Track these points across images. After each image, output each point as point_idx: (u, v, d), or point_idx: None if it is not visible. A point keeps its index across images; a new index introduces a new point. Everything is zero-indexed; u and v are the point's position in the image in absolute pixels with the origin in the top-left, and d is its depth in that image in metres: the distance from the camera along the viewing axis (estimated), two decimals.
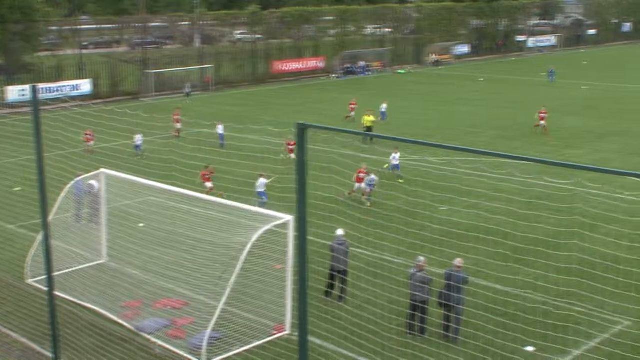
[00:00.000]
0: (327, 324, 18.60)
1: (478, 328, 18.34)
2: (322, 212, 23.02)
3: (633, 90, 66.18)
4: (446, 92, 66.41)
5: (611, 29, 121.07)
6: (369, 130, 41.37)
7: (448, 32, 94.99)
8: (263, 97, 65.54)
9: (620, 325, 19.48)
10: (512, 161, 35.65)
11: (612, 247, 23.32)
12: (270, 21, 79.83)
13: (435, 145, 9.87)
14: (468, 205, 29.37)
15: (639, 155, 39.66)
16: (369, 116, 42.78)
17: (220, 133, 41.27)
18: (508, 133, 46.38)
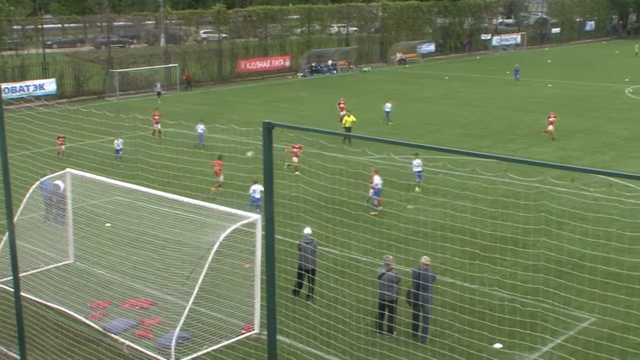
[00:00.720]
0: (296, 322, 18.59)
1: (446, 326, 18.44)
2: (289, 211, 23.01)
3: (597, 88, 66.91)
4: (412, 90, 66.68)
5: (575, 27, 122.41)
6: (348, 131, 41.39)
7: (413, 31, 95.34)
8: (229, 96, 65.35)
9: (586, 321, 19.69)
10: (477, 159, 35.89)
11: (578, 244, 23.57)
12: (236, 20, 79.60)
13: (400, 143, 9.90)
14: (435, 204, 29.51)
15: (604, 153, 40.13)
16: (350, 117, 42.79)
17: (200, 132, 41.15)
18: (473, 131, 46.68)
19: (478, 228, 24.42)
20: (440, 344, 17.97)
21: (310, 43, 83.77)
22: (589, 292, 19.48)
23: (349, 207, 27.41)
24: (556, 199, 28.94)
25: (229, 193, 27.97)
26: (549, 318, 19.36)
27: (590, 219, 26.64)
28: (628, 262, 22.18)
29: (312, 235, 21.51)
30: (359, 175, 30.31)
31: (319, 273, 21.15)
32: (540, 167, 32.87)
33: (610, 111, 54.15)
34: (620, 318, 19.04)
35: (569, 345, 18.34)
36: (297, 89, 68.53)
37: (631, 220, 26.69)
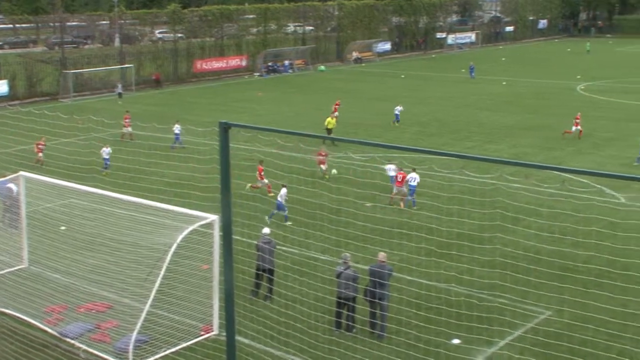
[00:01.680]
0: (255, 323, 18.54)
1: (404, 323, 18.53)
2: (247, 211, 22.95)
3: (550, 85, 67.73)
4: (369, 89, 66.88)
5: (528, 25, 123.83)
6: (329, 132, 41.22)
7: (369, 30, 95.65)
8: (185, 96, 64.98)
9: (542, 315, 19.93)
10: (434, 157, 36.11)
11: (534, 239, 23.83)
12: (192, 20, 79.14)
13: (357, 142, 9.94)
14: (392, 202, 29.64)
15: (557, 149, 40.62)
16: (332, 118, 42.65)
17: (177, 133, 40.85)
18: (430, 129, 46.97)
19: (435, 225, 24.56)
20: (398, 341, 18.04)
21: (266, 42, 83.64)
22: (545, 286, 19.71)
23: (307, 206, 27.41)
24: (511, 195, 29.22)
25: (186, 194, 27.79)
26: (506, 313, 19.55)
27: (545, 214, 26.95)
28: (582, 256, 22.50)
29: (270, 235, 21.48)
30: (317, 174, 30.30)
31: (277, 273, 21.12)
32: (496, 164, 33.23)
33: (562, 108, 54.81)
34: (576, 310, 19.30)
35: (527, 337, 18.54)
36: (254, 89, 68.38)
37: (585, 215, 27.03)
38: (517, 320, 19.49)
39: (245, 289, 20.78)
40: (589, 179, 32.43)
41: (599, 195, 30.74)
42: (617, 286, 20.09)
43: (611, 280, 20.29)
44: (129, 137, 43.06)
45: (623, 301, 19.62)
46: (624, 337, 17.89)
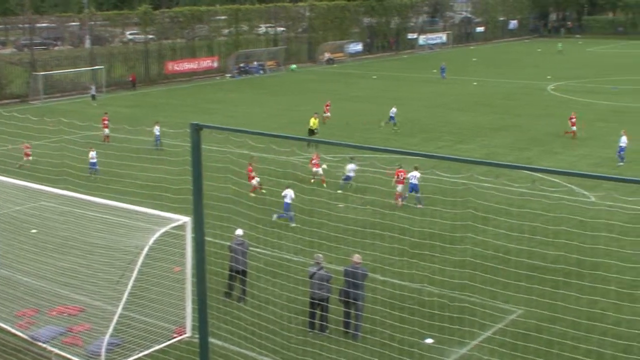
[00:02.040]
0: (228, 324, 18.55)
1: (378, 323, 18.62)
2: (219, 212, 22.92)
3: (521, 85, 68.22)
4: (340, 89, 66.99)
5: (498, 26, 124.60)
6: (312, 133, 41.29)
7: (341, 31, 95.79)
8: (157, 98, 64.73)
9: (513, 314, 20.12)
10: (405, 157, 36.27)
11: (504, 239, 24.01)
12: (163, 21, 78.83)
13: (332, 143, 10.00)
14: (365, 202, 29.75)
15: (528, 149, 40.94)
16: (315, 119, 42.60)
17: (157, 134, 40.68)
18: (402, 129, 47.12)
19: (407, 225, 24.70)
20: (372, 341, 18.13)
21: (238, 43, 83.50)
22: (515, 286, 19.88)
23: (280, 207, 27.46)
24: (482, 195, 29.43)
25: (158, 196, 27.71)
26: (477, 312, 19.70)
27: (516, 214, 27.18)
28: (552, 255, 22.73)
29: (243, 236, 21.48)
30: (289, 175, 30.32)
31: (250, 274, 21.13)
32: (467, 164, 33.44)
33: (533, 108, 55.27)
34: (545, 309, 19.52)
35: (498, 337, 18.70)
36: (225, 90, 68.25)
37: (555, 214, 27.31)
38: (488, 319, 19.65)
39: (218, 291, 20.77)
40: (559, 178, 32.75)
41: (569, 194, 31.04)
42: (586, 285, 20.31)
43: (580, 279, 20.53)
44: (105, 139, 42.79)
45: (591, 300, 19.85)
46: (592, 336, 18.09)
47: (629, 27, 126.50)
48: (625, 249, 22.82)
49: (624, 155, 37.07)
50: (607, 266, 21.59)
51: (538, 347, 17.44)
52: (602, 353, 17.40)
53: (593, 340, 17.89)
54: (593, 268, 21.37)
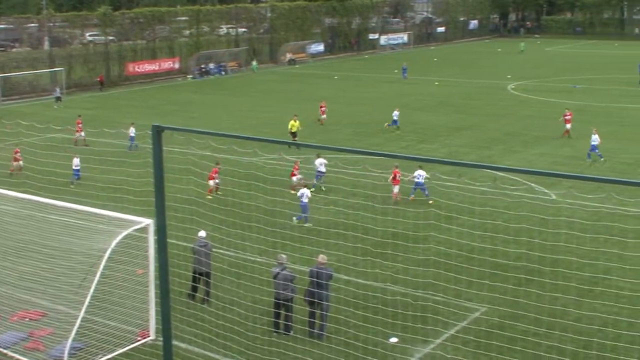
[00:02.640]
0: (192, 326, 18.48)
1: (342, 323, 18.66)
2: (182, 214, 22.81)
3: (481, 85, 68.76)
4: (303, 90, 67.03)
5: (459, 26, 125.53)
6: (294, 135, 41.18)
7: (302, 31, 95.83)
8: (118, 99, 64.25)
9: (476, 312, 20.27)
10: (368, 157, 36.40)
11: (467, 237, 24.19)
12: (123, 22, 78.21)
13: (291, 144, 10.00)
14: (328, 202, 29.79)
15: (489, 148, 41.27)
16: (296, 121, 42.41)
17: (132, 135, 40.31)
18: (365, 129, 47.27)
19: (371, 225, 24.77)
20: (337, 341, 18.17)
21: (199, 44, 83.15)
22: (478, 284, 20.05)
23: (242, 208, 27.37)
24: (445, 194, 29.61)
25: (119, 198, 27.50)
26: (441, 310, 19.82)
27: (478, 212, 27.38)
28: (514, 253, 22.94)
29: (207, 238, 21.41)
30: (251, 176, 30.25)
31: (214, 276, 21.06)
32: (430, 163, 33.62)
33: (494, 107, 55.74)
34: (508, 307, 19.70)
35: (461, 335, 18.84)
36: (187, 91, 67.93)
37: (516, 212, 27.58)
38: (452, 318, 19.79)
39: (182, 293, 20.67)
40: (520, 176, 33.05)
41: (530, 192, 31.35)
42: (547, 282, 20.55)
43: (541, 277, 20.77)
44: (82, 142, 42.10)
45: (553, 296, 20.09)
46: (554, 333, 18.30)
47: (586, 27, 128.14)
48: (585, 246, 23.12)
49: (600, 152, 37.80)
50: (568, 263, 21.88)
51: (501, 345, 17.61)
52: (563, 349, 17.60)
53: (554, 336, 18.11)
54: (554, 265, 21.64)
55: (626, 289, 20.97)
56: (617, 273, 21.78)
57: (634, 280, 21.52)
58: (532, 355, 17.28)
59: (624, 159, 38.03)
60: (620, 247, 23.10)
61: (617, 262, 22.51)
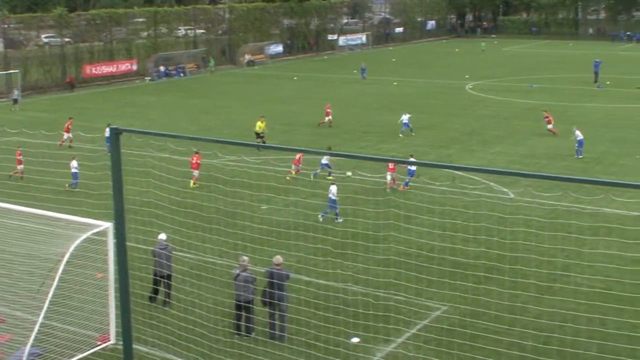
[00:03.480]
0: (153, 329, 18.36)
1: (304, 324, 18.67)
2: (141, 217, 22.66)
3: (440, 85, 69.21)
4: (262, 91, 66.93)
5: (417, 26, 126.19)
6: (258, 136, 40.77)
7: (261, 32, 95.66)
8: (75, 102, 63.58)
9: (437, 310, 20.40)
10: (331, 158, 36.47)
11: (426, 236, 24.34)
12: (79, 24, 77.44)
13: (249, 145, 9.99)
14: (287, 203, 29.79)
15: (447, 148, 41.54)
16: (262, 122, 42.13)
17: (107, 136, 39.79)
18: (323, 130, 47.31)
19: (331, 225, 24.83)
20: (298, 342, 18.17)
21: (157, 46, 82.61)
22: (438, 282, 20.20)
23: (202, 210, 27.26)
24: (404, 194, 29.77)
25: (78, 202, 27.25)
26: (402, 310, 19.92)
27: (437, 211, 27.57)
28: (473, 252, 23.14)
29: (167, 240, 21.29)
30: (211, 178, 30.14)
31: (175, 278, 20.96)
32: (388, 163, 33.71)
33: (452, 107, 56.14)
34: (469, 305, 19.86)
35: (423, 334, 18.95)
36: (145, 93, 67.47)
37: (475, 211, 27.82)
38: (413, 317, 19.90)
39: (143, 296, 20.54)
40: (479, 175, 33.34)
41: (489, 191, 31.63)
42: (507, 280, 20.77)
43: (501, 274, 20.98)
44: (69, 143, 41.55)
45: (512, 294, 20.29)
46: (514, 329, 18.49)
47: (542, 28, 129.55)
48: (543, 244, 23.43)
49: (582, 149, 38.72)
50: (527, 261, 22.12)
51: (462, 342, 17.75)
52: (524, 345, 17.79)
53: (515, 333, 18.29)
54: (513, 263, 21.86)
55: (584, 285, 21.27)
56: (575, 270, 22.07)
57: (592, 276, 21.85)
58: (493, 352, 17.44)
59: (580, 157, 38.52)
60: (578, 244, 23.40)
61: (575, 259, 22.83)
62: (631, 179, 33.79)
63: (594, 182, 9.93)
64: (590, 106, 55.40)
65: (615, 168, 36.40)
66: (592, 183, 11.37)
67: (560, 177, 9.88)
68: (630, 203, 28.27)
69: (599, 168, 36.41)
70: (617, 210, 28.34)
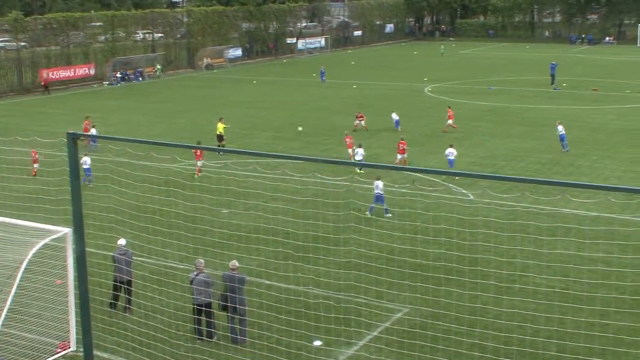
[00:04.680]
0: (114, 336, 18.22)
1: (265, 327, 18.64)
2: (101, 222, 22.49)
3: (399, 88, 69.53)
4: (220, 95, 66.75)
5: (375, 30, 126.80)
6: (220, 138, 40.81)
7: (220, 36, 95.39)
8: (31, 107, 62.85)
9: (399, 312, 20.49)
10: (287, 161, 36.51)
11: (387, 239, 24.46)
12: (35, 28, 76.60)
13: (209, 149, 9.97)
14: (248, 207, 29.77)
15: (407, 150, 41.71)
16: (222, 123, 41.87)
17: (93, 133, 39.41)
18: (283, 134, 47.33)
19: (291, 229, 24.84)
20: (260, 345, 18.17)
21: (115, 50, 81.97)
22: (399, 285, 20.30)
23: (162, 215, 27.12)
24: (364, 197, 29.87)
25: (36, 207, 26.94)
26: (363, 312, 20.00)
27: (397, 213, 27.70)
28: (433, 253, 23.29)
29: (127, 245, 21.14)
30: (170, 182, 30.00)
31: (135, 284, 20.81)
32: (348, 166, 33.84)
33: (411, 109, 56.44)
34: (430, 306, 19.98)
35: (385, 336, 19.03)
36: (103, 98, 66.92)
37: (434, 213, 27.99)
38: (375, 319, 19.97)
39: (103, 302, 20.36)
40: (438, 177, 33.57)
41: (448, 193, 31.87)
42: (467, 281, 20.94)
43: (461, 276, 21.15)
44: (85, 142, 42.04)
45: (472, 295, 20.46)
46: (475, 330, 18.64)
47: (499, 30, 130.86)
48: (502, 245, 23.66)
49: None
50: (486, 262, 22.33)
51: (424, 344, 17.88)
52: (485, 346, 17.96)
53: (475, 334, 18.44)
54: (473, 264, 22.05)
55: (543, 285, 21.52)
56: (534, 270, 22.32)
57: (550, 276, 22.11)
58: (454, 353, 17.58)
59: (538, 159, 38.98)
60: (536, 244, 23.68)
61: (534, 260, 23.09)
62: (587, 179, 34.28)
63: (551, 182, 10.06)
64: (547, 108, 56.07)
65: (572, 169, 36.89)
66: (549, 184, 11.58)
67: (518, 178, 10.01)
68: (587, 203, 28.68)
69: (557, 169, 36.86)
70: (574, 210, 28.72)
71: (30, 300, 19.39)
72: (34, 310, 19.32)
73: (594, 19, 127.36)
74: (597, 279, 21.17)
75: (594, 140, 43.94)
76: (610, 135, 45.33)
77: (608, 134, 45.97)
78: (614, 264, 22.72)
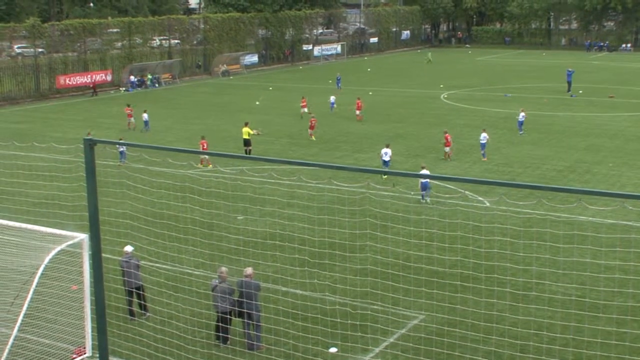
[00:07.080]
0: (130, 341, 18.24)
1: (282, 334, 18.61)
2: (117, 228, 22.55)
3: (415, 94, 69.47)
4: (236, 101, 66.85)
5: (391, 36, 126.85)
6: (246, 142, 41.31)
7: (236, 42, 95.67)
8: (48, 113, 63.17)
9: (415, 319, 20.42)
10: (303, 168, 36.49)
11: (403, 245, 24.38)
12: (53, 34, 77.02)
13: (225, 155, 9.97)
14: (264, 214, 29.75)
15: (423, 157, 41.65)
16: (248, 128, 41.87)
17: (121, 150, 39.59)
18: (300, 140, 47.35)
19: (307, 235, 24.82)
20: (276, 352, 18.13)
21: (132, 56, 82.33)
22: (415, 292, 20.23)
23: (178, 221, 27.17)
24: (380, 203, 29.83)
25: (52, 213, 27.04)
26: (379, 319, 19.93)
27: (413, 220, 27.64)
28: (449, 261, 23.21)
29: (138, 251, 21.16)
30: (186, 189, 30.04)
31: (151, 290, 20.83)
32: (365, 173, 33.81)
33: (428, 116, 56.35)
34: (446, 313, 19.90)
35: (401, 343, 18.96)
36: (120, 104, 67.04)
37: (450, 220, 27.91)
38: (391, 326, 19.91)
39: (119, 308, 20.39)
40: (454, 184, 33.47)
41: (464, 200, 31.76)
42: (483, 288, 20.84)
43: (477, 283, 21.05)
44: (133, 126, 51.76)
45: (489, 302, 20.36)
46: (491, 338, 18.55)
47: (515, 37, 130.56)
48: (518, 252, 23.56)
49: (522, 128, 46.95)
50: (503, 269, 22.21)
51: (440, 351, 17.79)
52: (501, 353, 17.86)
53: (492, 341, 18.34)
54: (489, 272, 21.94)
55: (559, 293, 21.40)
56: (550, 278, 22.19)
57: (567, 284, 21.98)
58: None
59: (554, 166, 38.81)
60: (553, 252, 23.54)
61: (550, 267, 22.96)
62: (604, 187, 34.09)
63: (568, 190, 9.99)
64: (564, 115, 55.83)
65: (589, 176, 36.69)
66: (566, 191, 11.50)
67: (535, 186, 9.93)
68: (603, 211, 28.51)
69: (573, 176, 36.68)
70: (591, 218, 28.57)
71: (46, 305, 19.42)
72: (50, 315, 19.34)
73: (610, 26, 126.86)
74: (613, 287, 21.04)
75: (610, 147, 43.70)
76: (626, 143, 45.08)
77: (624, 140, 45.73)
78: (631, 271, 22.58)
